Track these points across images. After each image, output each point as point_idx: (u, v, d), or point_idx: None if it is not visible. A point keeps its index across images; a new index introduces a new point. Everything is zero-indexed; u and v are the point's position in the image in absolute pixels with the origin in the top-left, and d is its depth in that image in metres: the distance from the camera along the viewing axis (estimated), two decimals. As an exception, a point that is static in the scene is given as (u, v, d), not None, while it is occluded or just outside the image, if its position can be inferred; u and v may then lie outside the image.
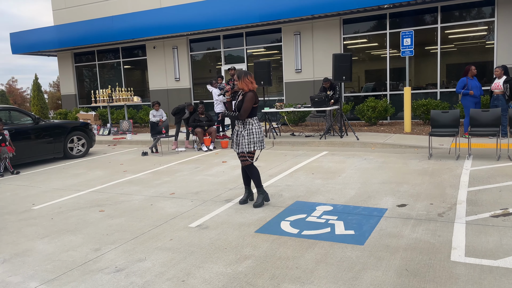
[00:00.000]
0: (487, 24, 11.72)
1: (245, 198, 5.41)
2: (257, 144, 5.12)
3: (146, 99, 17.26)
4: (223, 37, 15.46)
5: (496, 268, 3.23)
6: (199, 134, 10.21)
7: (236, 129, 5.23)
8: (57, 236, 4.60)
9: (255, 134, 5.10)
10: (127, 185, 6.89)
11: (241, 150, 5.12)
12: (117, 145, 12.62)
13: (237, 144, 5.19)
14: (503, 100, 8.86)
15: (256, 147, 5.12)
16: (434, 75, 12.56)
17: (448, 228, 4.14)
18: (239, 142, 5.16)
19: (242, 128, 5.12)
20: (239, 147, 5.16)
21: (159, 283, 3.32)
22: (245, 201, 5.40)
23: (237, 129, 5.21)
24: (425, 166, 6.99)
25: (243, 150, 5.10)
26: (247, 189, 5.43)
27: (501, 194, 5.18)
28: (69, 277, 3.53)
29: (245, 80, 5.05)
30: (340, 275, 3.28)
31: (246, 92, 5.07)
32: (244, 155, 5.14)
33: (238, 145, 5.17)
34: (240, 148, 5.13)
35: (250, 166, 5.21)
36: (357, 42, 13.47)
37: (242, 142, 5.10)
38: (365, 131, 11.31)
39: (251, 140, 5.09)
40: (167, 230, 4.56)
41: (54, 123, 9.98)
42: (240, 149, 5.14)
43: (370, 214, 4.68)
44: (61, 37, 17.13)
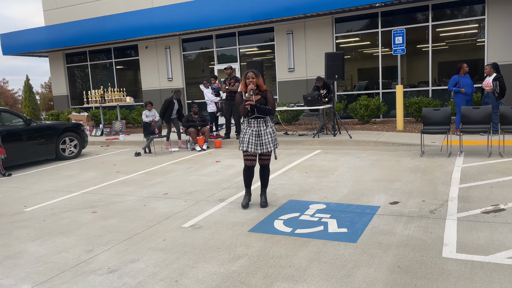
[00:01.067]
0: (478, 22, 11.81)
1: (248, 201, 5.21)
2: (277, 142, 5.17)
3: (139, 99, 17.19)
4: (215, 36, 15.44)
5: (487, 264, 3.27)
6: (192, 134, 10.19)
7: (254, 129, 4.97)
8: (49, 238, 4.57)
9: (275, 132, 5.11)
10: (120, 186, 6.87)
11: (266, 149, 4.95)
12: (110, 145, 12.56)
13: (258, 144, 4.95)
14: (493, 98, 8.94)
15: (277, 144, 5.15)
16: (425, 73, 12.64)
17: (439, 224, 4.17)
18: (262, 142, 4.95)
19: (265, 126, 4.98)
20: (262, 147, 4.95)
21: (152, 283, 3.31)
22: (248, 205, 5.20)
23: (255, 129, 4.97)
24: (417, 164, 7.03)
25: (269, 149, 4.96)
26: (249, 191, 5.24)
27: (492, 190, 5.22)
28: (62, 279, 3.51)
29: (260, 79, 4.98)
30: (333, 273, 3.29)
31: (264, 90, 5.02)
32: (269, 154, 5.03)
33: (261, 145, 4.95)
34: (265, 147, 4.95)
35: (268, 165, 5.16)
36: (350, 41, 13.51)
37: (268, 141, 4.95)
38: (358, 129, 11.36)
39: (275, 138, 5.06)
40: (160, 230, 4.55)
41: (46, 124, 9.91)
42: (265, 149, 4.95)
43: (363, 212, 4.71)
44: (52, 37, 17.00)
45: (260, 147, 4.97)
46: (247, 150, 4.93)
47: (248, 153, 4.99)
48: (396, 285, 3.02)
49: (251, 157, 5.02)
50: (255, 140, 4.96)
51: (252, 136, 4.96)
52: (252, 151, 4.94)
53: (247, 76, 4.95)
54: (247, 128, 5.01)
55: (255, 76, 4.93)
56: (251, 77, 4.94)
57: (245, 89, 4.98)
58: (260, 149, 4.97)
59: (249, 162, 5.04)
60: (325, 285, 3.10)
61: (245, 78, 4.99)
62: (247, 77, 4.95)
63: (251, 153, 4.97)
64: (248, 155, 5.00)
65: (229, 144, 10.75)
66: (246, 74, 4.97)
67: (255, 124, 4.98)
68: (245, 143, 4.98)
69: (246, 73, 4.98)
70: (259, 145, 4.97)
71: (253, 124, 4.99)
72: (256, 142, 4.96)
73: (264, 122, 4.98)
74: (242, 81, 5.01)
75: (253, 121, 4.99)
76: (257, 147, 4.96)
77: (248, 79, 4.93)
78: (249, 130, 4.99)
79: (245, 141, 4.98)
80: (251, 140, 4.96)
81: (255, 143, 4.96)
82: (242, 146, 5.00)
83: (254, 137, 4.96)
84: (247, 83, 4.95)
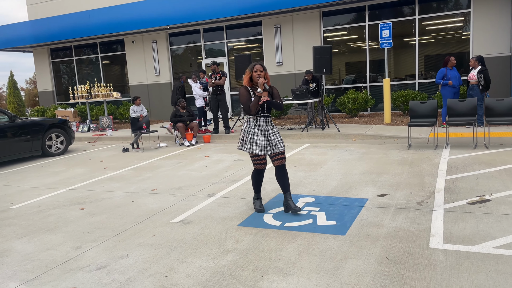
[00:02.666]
0: (464, 15, 11.93)
1: (262, 203, 4.81)
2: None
3: (126, 94, 17.02)
4: (203, 30, 15.33)
5: (473, 254, 3.32)
6: (180, 129, 10.13)
7: (263, 129, 4.49)
8: (36, 235, 4.51)
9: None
10: (108, 182, 6.81)
11: (278, 149, 4.50)
12: (97, 141, 12.43)
13: (268, 145, 4.49)
14: (478, 90, 9.06)
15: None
16: (412, 66, 12.74)
17: (427, 216, 4.23)
18: (272, 142, 4.50)
19: (271, 126, 4.56)
20: (273, 147, 4.50)
21: (141, 279, 3.30)
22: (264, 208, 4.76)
23: (263, 129, 4.49)
24: (405, 156, 7.11)
25: (281, 149, 4.52)
26: (259, 195, 4.83)
27: (477, 181, 5.31)
28: (49, 276, 3.48)
29: (267, 73, 4.55)
30: (322, 265, 3.32)
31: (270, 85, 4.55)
32: (283, 152, 4.56)
33: (271, 145, 4.49)
34: (279, 147, 4.51)
35: (285, 165, 4.77)
36: (337, 35, 13.54)
37: (278, 140, 4.52)
38: (346, 123, 11.42)
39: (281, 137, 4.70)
40: (149, 226, 4.52)
41: (31, 121, 9.76)
42: (275, 148, 4.50)
43: (351, 205, 4.74)
44: (36, 32, 16.70)
45: (270, 148, 4.50)
46: (257, 154, 4.44)
47: (258, 157, 4.57)
48: (384, 276, 3.06)
49: (262, 160, 4.60)
50: (264, 141, 4.47)
51: (260, 137, 4.47)
52: (263, 154, 4.46)
53: (255, 69, 4.46)
54: (254, 127, 4.49)
55: (263, 70, 4.49)
56: (259, 70, 4.47)
57: (251, 84, 4.53)
58: (270, 150, 4.50)
59: (260, 165, 4.63)
60: (314, 278, 3.12)
61: (250, 71, 4.50)
62: (255, 70, 4.46)
63: (262, 156, 4.55)
64: (258, 159, 4.58)
65: (218, 139, 10.72)
66: (252, 66, 4.49)
67: (264, 123, 4.50)
68: (253, 145, 4.46)
69: (252, 65, 4.50)
70: (268, 146, 4.50)
71: (262, 123, 4.50)
72: (266, 143, 4.48)
73: (271, 121, 4.59)
74: (247, 74, 4.52)
75: (262, 120, 4.50)
76: (267, 148, 4.49)
77: (256, 72, 4.45)
78: (256, 129, 4.48)
79: (254, 142, 4.46)
80: (260, 142, 4.46)
81: (264, 144, 4.47)
82: (249, 148, 4.48)
83: (263, 137, 4.48)
84: (255, 77, 4.46)
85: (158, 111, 16.43)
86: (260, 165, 4.63)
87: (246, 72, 4.55)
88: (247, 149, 4.48)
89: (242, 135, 4.56)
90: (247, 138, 4.50)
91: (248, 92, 4.50)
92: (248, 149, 4.48)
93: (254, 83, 4.54)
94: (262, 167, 4.66)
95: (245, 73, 4.55)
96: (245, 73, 4.55)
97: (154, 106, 16.47)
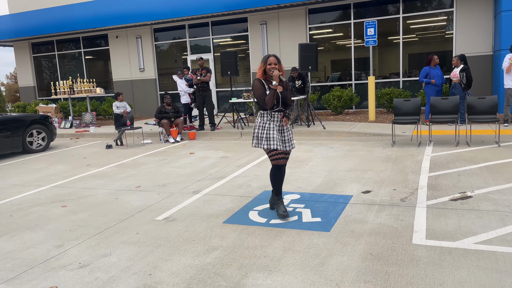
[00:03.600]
0: (447, 14, 12.09)
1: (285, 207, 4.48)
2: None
3: (109, 90, 16.78)
4: (188, 26, 15.20)
5: (455, 250, 3.37)
6: (165, 126, 10.04)
7: (277, 125, 4.28)
8: (17, 233, 4.41)
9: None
10: (90, 179, 6.70)
11: (290, 147, 4.35)
12: (79, 138, 12.23)
13: (286, 140, 4.32)
14: (460, 88, 9.21)
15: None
16: (396, 64, 12.87)
17: (410, 212, 4.28)
18: (285, 138, 4.31)
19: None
20: (285, 144, 4.32)
21: (124, 277, 3.26)
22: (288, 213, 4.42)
23: (277, 124, 4.28)
24: (389, 153, 7.18)
25: (293, 146, 4.38)
26: (281, 198, 4.50)
27: (459, 178, 5.39)
28: (30, 275, 3.40)
29: (282, 66, 4.26)
30: (307, 261, 3.32)
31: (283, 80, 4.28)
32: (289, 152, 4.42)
33: (284, 142, 4.31)
34: (289, 144, 4.33)
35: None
36: (323, 32, 13.58)
37: (290, 137, 4.35)
38: (331, 120, 11.48)
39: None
40: (133, 224, 4.47)
41: (12, 116, 9.54)
42: (288, 146, 4.33)
43: (336, 201, 4.77)
44: (17, 26, 16.32)
45: (283, 144, 4.31)
46: (277, 148, 4.21)
47: (276, 152, 4.29)
48: (368, 272, 3.08)
49: (280, 155, 4.31)
50: (279, 136, 4.28)
51: (276, 132, 4.25)
52: (282, 149, 4.26)
53: (269, 62, 4.19)
54: (269, 123, 4.26)
55: (277, 62, 4.21)
56: (273, 63, 4.19)
57: (264, 76, 4.27)
58: (287, 146, 4.34)
59: (279, 161, 4.32)
60: (299, 274, 3.13)
61: (264, 64, 4.22)
62: (269, 63, 4.19)
63: (281, 150, 4.30)
64: (276, 153, 4.29)
65: (203, 136, 10.66)
66: (266, 59, 4.22)
67: (278, 118, 4.29)
68: (270, 140, 4.22)
69: (266, 58, 4.23)
70: (285, 142, 4.33)
71: (276, 118, 4.28)
72: (282, 138, 4.31)
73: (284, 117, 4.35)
74: (261, 67, 4.25)
75: (276, 114, 4.27)
76: (284, 144, 4.32)
77: (270, 65, 4.18)
78: (271, 124, 4.25)
79: (270, 137, 4.22)
80: (276, 136, 4.24)
81: (282, 140, 4.30)
82: (266, 144, 4.23)
83: (278, 132, 4.28)
84: (269, 69, 4.20)
85: (142, 108, 16.26)
86: (279, 160, 4.31)
87: (260, 64, 4.30)
88: (264, 145, 4.24)
89: (256, 131, 4.30)
90: (263, 134, 4.25)
91: (262, 85, 4.22)
92: (266, 145, 4.23)
93: (268, 76, 4.28)
94: (282, 162, 4.33)
95: (259, 65, 4.30)
96: (259, 66, 4.30)
97: (139, 102, 16.28)
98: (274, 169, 4.38)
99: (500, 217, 3.98)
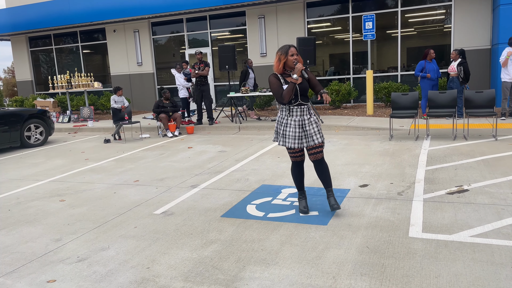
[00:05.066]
0: (445, 8, 12.07)
1: (306, 204, 4.34)
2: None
3: (107, 84, 16.74)
4: (186, 20, 15.14)
5: (451, 243, 3.40)
6: (163, 120, 10.04)
7: (297, 119, 4.05)
8: (15, 227, 4.43)
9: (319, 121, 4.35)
10: (89, 174, 6.71)
11: (313, 142, 4.04)
12: (77, 132, 12.22)
13: (304, 136, 4.06)
14: (457, 82, 9.21)
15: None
16: (395, 58, 12.86)
17: (407, 206, 4.30)
18: (308, 133, 4.04)
19: (308, 115, 4.07)
20: (308, 139, 4.05)
21: (123, 271, 3.28)
22: (308, 209, 4.30)
23: (297, 119, 4.05)
24: (386, 147, 7.20)
25: (318, 141, 4.04)
26: (303, 193, 4.38)
27: (456, 172, 5.42)
28: (29, 269, 3.42)
29: (300, 57, 4.02)
30: (304, 255, 3.35)
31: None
32: (321, 145, 4.10)
33: (307, 137, 4.05)
34: (312, 139, 4.03)
35: (323, 159, 4.18)
36: (321, 26, 13.55)
37: (314, 132, 4.03)
38: (330, 114, 11.49)
39: (320, 127, 4.15)
40: (131, 218, 4.49)
41: (9, 111, 9.52)
42: (311, 141, 4.04)
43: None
44: (14, 20, 16.22)
45: (306, 140, 4.07)
46: (291, 147, 4.07)
47: (293, 150, 4.17)
48: (365, 265, 3.11)
49: (298, 153, 4.20)
50: (299, 133, 4.06)
51: (295, 128, 4.05)
52: (297, 147, 4.07)
53: (290, 53, 3.91)
54: (287, 118, 4.07)
55: (297, 52, 3.95)
56: (295, 53, 3.93)
57: (282, 70, 4.03)
58: (305, 142, 4.08)
59: (297, 158, 4.23)
60: (296, 267, 3.15)
61: (285, 55, 3.94)
62: (291, 54, 3.92)
63: (297, 149, 4.17)
64: (293, 151, 4.18)
65: (201, 130, 10.66)
66: (287, 50, 3.93)
67: (298, 112, 4.05)
68: (286, 137, 4.08)
69: (286, 49, 3.94)
70: (304, 138, 4.08)
71: (295, 113, 4.05)
72: (301, 135, 4.07)
73: (307, 110, 4.09)
74: (281, 59, 3.98)
75: (295, 109, 4.04)
76: (302, 141, 4.08)
77: (293, 57, 3.91)
78: (289, 120, 4.06)
79: (286, 135, 4.08)
80: (294, 134, 4.06)
81: (299, 137, 4.07)
82: (282, 141, 4.11)
83: (298, 128, 4.05)
84: (291, 61, 3.93)
85: (140, 102, 16.23)
86: (296, 157, 4.21)
87: (277, 57, 4.00)
88: (281, 142, 4.13)
89: (276, 126, 4.21)
90: (280, 130, 4.13)
91: (278, 79, 4.01)
92: (282, 141, 4.12)
93: (288, 68, 4.03)
94: (299, 159, 4.24)
95: (276, 58, 4.01)
96: (277, 58, 4.01)
97: (136, 96, 16.25)
98: (293, 166, 4.31)
99: (496, 211, 4.01)
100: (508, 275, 2.86)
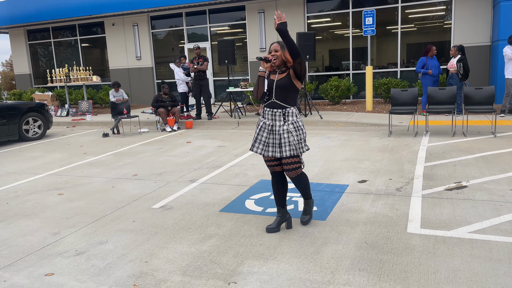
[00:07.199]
0: (445, 4, 12.03)
1: (278, 224, 3.72)
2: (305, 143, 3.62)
3: (106, 78, 16.68)
4: (185, 14, 15.07)
5: (449, 238, 3.40)
6: (162, 115, 10.01)
7: (267, 123, 3.55)
8: (13, 221, 4.42)
9: (303, 129, 3.58)
10: (87, 167, 6.69)
11: (286, 153, 3.48)
12: (76, 126, 12.18)
13: (270, 144, 3.55)
14: (457, 79, 9.20)
15: (306, 147, 3.61)
16: (394, 54, 12.83)
17: (405, 201, 4.30)
18: (275, 142, 3.52)
19: (282, 120, 3.50)
20: (274, 148, 3.53)
21: (121, 264, 3.27)
22: (277, 228, 3.70)
23: (268, 123, 3.54)
24: (385, 143, 7.20)
25: (289, 154, 3.48)
26: (281, 211, 3.74)
27: (455, 168, 5.42)
28: (26, 262, 3.42)
29: (287, 52, 3.48)
30: (302, 250, 3.35)
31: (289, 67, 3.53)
32: (294, 160, 3.53)
33: (274, 146, 3.54)
34: (284, 151, 3.48)
35: (302, 175, 3.63)
36: (321, 21, 13.49)
37: (284, 143, 3.48)
38: (329, 110, 11.47)
39: (301, 138, 3.54)
40: (130, 212, 4.48)
41: (7, 104, 9.48)
42: (283, 152, 3.49)
43: (332, 191, 4.79)
44: (12, 13, 16.13)
45: (273, 149, 3.54)
46: (255, 151, 3.61)
47: (265, 157, 3.67)
48: (363, 261, 3.11)
49: (270, 162, 3.67)
50: (266, 138, 3.55)
51: (263, 132, 3.57)
52: (259, 153, 3.59)
53: (271, 48, 3.53)
54: (261, 120, 3.63)
55: (279, 49, 3.48)
56: (273, 50, 3.50)
57: (271, 68, 3.58)
58: (272, 151, 3.54)
59: (272, 168, 3.69)
60: (294, 262, 3.15)
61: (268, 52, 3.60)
62: (269, 51, 3.54)
63: (267, 157, 3.65)
64: (265, 159, 3.69)
65: (200, 125, 10.64)
66: (270, 46, 3.57)
67: (269, 116, 3.54)
68: (254, 141, 3.64)
69: (270, 45, 3.58)
70: (271, 146, 3.55)
71: (267, 115, 3.56)
72: (266, 141, 3.56)
73: (283, 116, 3.50)
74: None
75: (267, 111, 3.55)
76: (268, 148, 3.55)
77: (271, 53, 3.52)
78: (261, 122, 3.60)
79: (255, 138, 3.63)
80: (261, 138, 3.58)
81: (264, 142, 3.56)
82: (251, 144, 3.67)
83: (265, 133, 3.56)
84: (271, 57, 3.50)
85: (139, 96, 16.18)
86: (270, 166, 3.69)
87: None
88: (251, 145, 3.72)
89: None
90: (255, 132, 3.70)
91: (262, 75, 3.56)
92: (251, 145, 3.68)
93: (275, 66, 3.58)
94: (275, 170, 3.68)
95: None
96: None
97: (135, 91, 16.20)
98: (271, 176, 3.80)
99: (495, 207, 4.01)
100: (506, 271, 2.86)
